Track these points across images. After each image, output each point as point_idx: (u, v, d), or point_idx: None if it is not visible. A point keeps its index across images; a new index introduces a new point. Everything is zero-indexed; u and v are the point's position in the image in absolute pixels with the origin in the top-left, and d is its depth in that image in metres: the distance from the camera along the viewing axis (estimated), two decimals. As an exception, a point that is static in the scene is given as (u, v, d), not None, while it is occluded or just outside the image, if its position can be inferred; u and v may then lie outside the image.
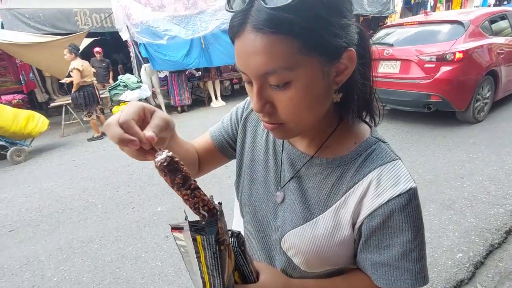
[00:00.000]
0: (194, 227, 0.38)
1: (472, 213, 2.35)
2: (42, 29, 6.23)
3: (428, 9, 11.99)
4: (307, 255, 0.54)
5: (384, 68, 4.35)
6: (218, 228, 0.39)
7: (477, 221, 2.26)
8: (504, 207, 2.37)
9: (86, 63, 5.17)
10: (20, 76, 7.53)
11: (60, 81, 5.87)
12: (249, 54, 0.42)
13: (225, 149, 0.71)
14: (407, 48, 4.19)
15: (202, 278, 0.43)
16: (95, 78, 5.56)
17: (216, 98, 7.22)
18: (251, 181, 0.65)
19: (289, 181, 0.59)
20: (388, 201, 0.48)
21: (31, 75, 7.70)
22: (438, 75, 3.86)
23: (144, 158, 0.42)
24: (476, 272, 1.85)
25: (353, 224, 0.52)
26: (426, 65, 3.95)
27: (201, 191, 0.40)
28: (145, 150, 0.40)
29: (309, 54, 0.41)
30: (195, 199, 0.39)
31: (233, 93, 8.64)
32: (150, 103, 6.34)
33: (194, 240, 0.39)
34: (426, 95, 3.97)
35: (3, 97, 6.69)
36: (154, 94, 6.80)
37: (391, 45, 4.37)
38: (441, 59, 3.83)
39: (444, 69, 3.83)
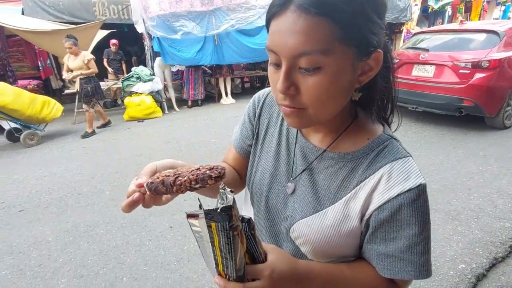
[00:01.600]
0: (209, 215, 0.41)
1: (477, 225, 2.33)
2: (60, 17, 6.35)
3: (446, 18, 11.84)
4: (315, 244, 0.56)
5: (418, 72, 4.56)
6: (232, 215, 0.41)
7: (482, 233, 2.24)
8: (510, 222, 2.34)
9: None
10: (38, 62, 7.70)
11: (62, 78, 5.62)
12: (288, 33, 0.43)
13: (249, 153, 0.74)
14: (443, 54, 4.37)
15: (216, 260, 0.45)
16: None
17: (226, 95, 7.26)
18: (262, 171, 0.67)
19: (301, 173, 0.60)
20: (397, 195, 0.50)
21: (48, 61, 7.86)
22: (472, 80, 4.02)
23: (161, 198, 0.50)
24: (478, 284, 1.84)
25: (362, 216, 0.54)
26: (461, 71, 4.12)
27: (182, 176, 0.44)
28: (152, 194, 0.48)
29: (345, 43, 0.43)
30: (181, 186, 0.44)
31: (243, 91, 8.67)
32: (161, 96, 6.44)
33: (209, 226, 0.41)
34: (459, 99, 4.13)
35: (19, 82, 6.86)
36: (165, 87, 6.87)
37: (426, 50, 4.58)
38: (476, 66, 3.99)
39: (479, 75, 3.99)
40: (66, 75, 5.11)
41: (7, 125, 4.79)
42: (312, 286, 0.52)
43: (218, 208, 0.41)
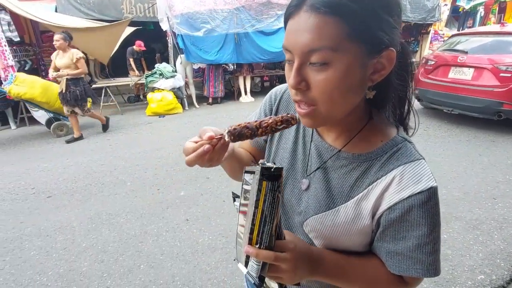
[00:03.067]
0: (264, 173, 0.46)
1: (500, 236, 2.24)
2: (90, 15, 6.63)
3: (478, 19, 11.30)
4: (327, 239, 0.59)
5: (455, 74, 4.50)
6: (281, 176, 0.46)
7: (505, 245, 2.15)
8: (538, 235, 2.23)
9: None
10: (68, 57, 8.07)
11: (49, 77, 4.82)
12: (300, 31, 0.46)
13: (263, 148, 0.78)
14: (482, 57, 4.28)
15: (252, 225, 0.48)
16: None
17: (246, 94, 7.32)
18: None
19: (315, 170, 0.62)
20: (408, 197, 0.51)
21: (77, 57, 8.23)
22: None
23: (223, 156, 0.56)
24: (498, 296, 1.78)
25: (373, 215, 0.55)
26: (501, 74, 4.03)
27: (267, 119, 0.50)
28: (223, 144, 0.53)
29: (354, 40, 0.45)
30: (267, 128, 0.50)
31: (262, 90, 8.69)
32: (182, 93, 6.59)
33: (260, 185, 0.46)
34: (499, 103, 4.04)
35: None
36: (186, 84, 7.03)
37: (465, 52, 4.49)
38: None
39: None
40: (51, 74, 4.56)
41: (44, 116, 5.10)
42: (323, 268, 0.55)
43: (272, 167, 0.46)
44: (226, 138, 0.50)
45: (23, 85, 4.58)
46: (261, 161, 0.47)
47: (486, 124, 4.59)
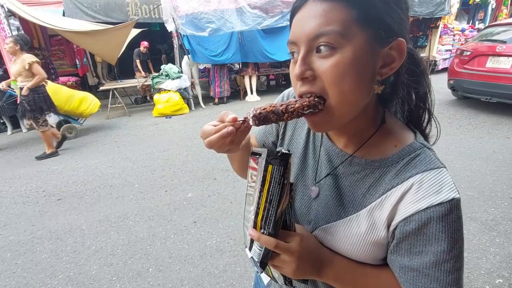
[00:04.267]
0: (270, 156, 0.45)
1: (518, 237, 2.16)
2: (97, 18, 6.69)
3: (489, 12, 11.00)
4: (338, 251, 0.55)
5: (493, 64, 4.67)
6: (288, 163, 0.45)
7: (524, 246, 2.07)
8: (558, 235, 2.15)
9: None
10: (77, 60, 8.21)
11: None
12: (306, 19, 0.45)
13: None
14: None
15: (257, 209, 0.47)
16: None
17: (252, 93, 7.29)
18: None
19: (325, 177, 0.59)
20: (426, 208, 0.46)
21: (84, 60, 8.35)
22: None
23: (241, 143, 0.52)
24: (517, 300, 1.71)
25: (388, 226, 0.51)
26: None
27: (293, 104, 0.47)
28: (246, 127, 0.50)
29: (363, 25, 0.43)
30: (293, 113, 0.46)
31: (268, 89, 8.65)
32: (188, 93, 6.60)
33: (266, 168, 0.45)
34: None
35: (60, 79, 7.35)
36: (193, 84, 7.04)
37: (504, 42, 4.64)
38: None
39: None
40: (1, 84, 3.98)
41: (55, 119, 5.14)
42: (331, 271, 0.53)
43: (279, 151, 0.45)
44: (251, 122, 0.47)
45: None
46: (278, 148, 0.47)
47: (500, 120, 4.47)
